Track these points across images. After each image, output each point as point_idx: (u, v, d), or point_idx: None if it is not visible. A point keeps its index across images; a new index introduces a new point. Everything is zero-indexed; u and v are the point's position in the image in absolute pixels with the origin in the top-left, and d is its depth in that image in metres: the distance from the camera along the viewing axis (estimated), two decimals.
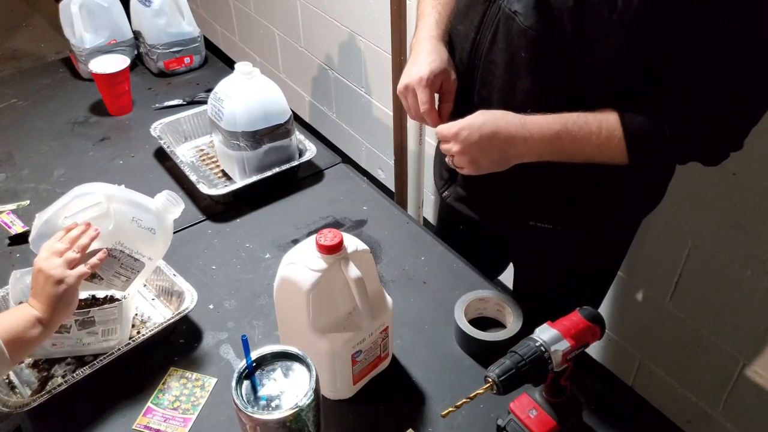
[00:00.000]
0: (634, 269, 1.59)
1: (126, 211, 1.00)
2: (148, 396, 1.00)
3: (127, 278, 1.02)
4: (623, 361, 1.73)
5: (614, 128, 0.87)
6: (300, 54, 2.63)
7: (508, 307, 1.07)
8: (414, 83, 0.99)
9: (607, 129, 0.87)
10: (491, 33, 0.95)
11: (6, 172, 1.51)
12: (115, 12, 1.84)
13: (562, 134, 0.88)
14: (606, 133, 0.87)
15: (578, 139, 0.88)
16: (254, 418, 0.76)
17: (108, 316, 1.02)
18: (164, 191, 1.06)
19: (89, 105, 1.75)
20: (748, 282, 1.34)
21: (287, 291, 0.91)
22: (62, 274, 0.89)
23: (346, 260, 0.88)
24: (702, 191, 1.35)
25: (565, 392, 0.89)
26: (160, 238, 1.04)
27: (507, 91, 0.96)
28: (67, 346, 1.02)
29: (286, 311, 0.97)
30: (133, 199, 1.02)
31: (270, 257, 1.26)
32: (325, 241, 0.86)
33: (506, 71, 0.94)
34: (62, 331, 0.99)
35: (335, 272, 0.88)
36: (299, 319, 0.90)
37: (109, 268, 1.00)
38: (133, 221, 1.00)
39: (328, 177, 1.50)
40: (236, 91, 1.35)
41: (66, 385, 0.95)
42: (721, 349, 1.46)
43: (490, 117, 0.92)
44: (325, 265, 0.87)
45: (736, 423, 1.51)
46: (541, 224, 1.09)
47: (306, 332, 0.91)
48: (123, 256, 1.00)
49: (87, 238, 0.94)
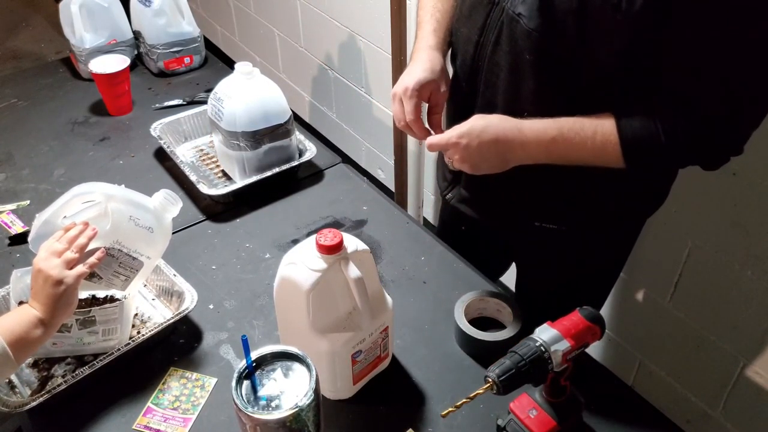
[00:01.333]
0: (634, 269, 1.59)
1: (124, 210, 1.00)
2: (148, 396, 1.00)
3: (126, 277, 1.02)
4: (623, 361, 1.73)
5: (610, 133, 0.87)
6: (300, 54, 2.63)
7: (508, 307, 1.07)
8: (400, 93, 1.01)
9: (602, 134, 0.88)
10: (495, 35, 0.94)
11: (6, 172, 1.51)
12: (115, 12, 1.84)
13: (558, 139, 0.89)
14: (601, 138, 0.88)
15: (574, 144, 0.89)
16: (254, 418, 0.76)
17: (109, 316, 1.02)
18: (162, 190, 1.06)
19: (89, 105, 1.75)
20: (748, 282, 1.34)
21: (287, 291, 0.91)
22: (61, 274, 0.89)
23: (346, 260, 0.87)
24: (702, 191, 1.35)
25: (565, 392, 0.89)
26: (159, 237, 1.04)
27: (511, 93, 0.96)
28: (67, 345, 1.02)
29: (286, 311, 0.97)
30: (131, 198, 1.02)
31: (270, 257, 1.26)
32: (325, 241, 0.86)
33: (510, 73, 0.94)
34: (63, 330, 0.99)
35: (335, 272, 0.88)
36: (299, 319, 0.90)
37: (108, 267, 1.00)
38: (131, 220, 1.00)
39: (328, 177, 1.50)
40: (236, 91, 1.35)
41: (66, 385, 0.95)
42: (721, 349, 1.46)
43: (488, 123, 0.92)
44: (325, 265, 0.87)
45: (736, 423, 1.51)
46: (546, 225, 1.09)
47: (306, 332, 0.91)
48: (121, 255, 1.00)
49: (85, 238, 0.94)
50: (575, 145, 0.89)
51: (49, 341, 0.99)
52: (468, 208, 1.16)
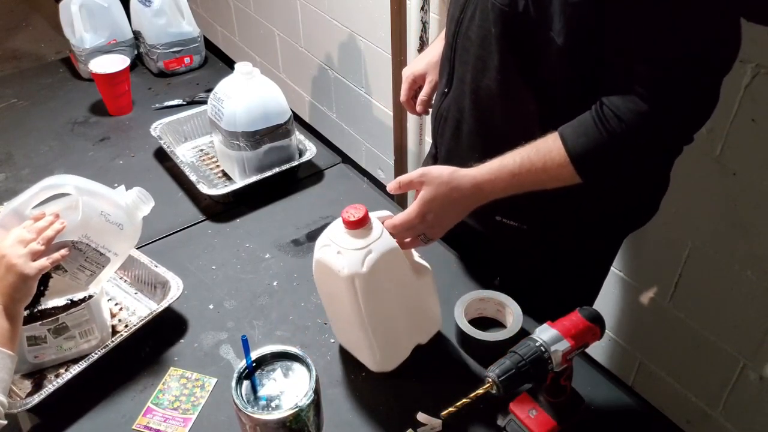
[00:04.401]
0: (634, 269, 1.59)
1: (95, 205, 1.00)
2: (148, 396, 1.00)
3: (91, 272, 1.02)
4: (623, 361, 1.73)
5: (560, 157, 0.87)
6: (300, 54, 2.63)
7: (509, 306, 1.07)
8: (403, 76, 1.22)
9: (551, 161, 0.88)
10: (471, 11, 0.97)
11: (6, 172, 1.51)
12: (115, 12, 1.84)
13: (514, 182, 0.91)
14: (552, 165, 0.88)
15: (530, 181, 0.90)
16: (254, 418, 0.76)
17: (80, 318, 1.01)
18: (135, 188, 1.06)
19: (89, 105, 1.75)
20: (748, 282, 1.34)
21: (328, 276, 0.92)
22: (24, 264, 0.90)
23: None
24: (702, 191, 1.35)
25: (565, 392, 0.89)
26: (128, 235, 1.04)
27: (479, 68, 0.98)
28: (50, 355, 1.02)
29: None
30: (103, 193, 1.02)
31: (270, 257, 1.26)
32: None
33: (480, 47, 0.96)
34: (39, 342, 1.00)
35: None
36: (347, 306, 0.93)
37: (74, 261, 1.00)
38: (102, 215, 1.00)
39: (328, 177, 1.50)
40: (236, 91, 1.35)
41: (59, 384, 0.95)
42: (721, 349, 1.46)
43: (446, 191, 0.92)
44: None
45: (736, 423, 1.51)
46: (507, 221, 1.10)
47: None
48: (89, 249, 1.00)
49: (52, 231, 0.94)
50: (532, 181, 0.90)
51: (31, 355, 1.00)
52: None
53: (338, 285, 0.90)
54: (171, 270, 1.15)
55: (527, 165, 0.89)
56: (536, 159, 0.88)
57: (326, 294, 1.00)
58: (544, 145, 0.89)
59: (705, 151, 1.29)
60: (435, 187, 0.92)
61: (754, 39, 1.12)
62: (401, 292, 0.97)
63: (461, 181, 0.92)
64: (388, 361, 1.02)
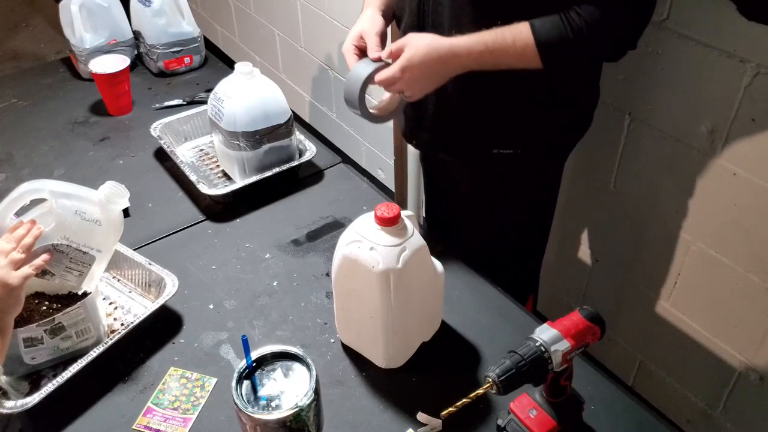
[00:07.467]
0: (634, 269, 1.59)
1: (69, 206, 0.99)
2: (148, 396, 1.00)
3: (79, 272, 1.02)
4: (623, 361, 1.73)
5: (527, 38, 1.01)
6: (300, 54, 2.63)
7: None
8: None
9: (520, 40, 1.01)
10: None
11: (6, 172, 1.51)
12: (115, 12, 1.84)
13: (485, 53, 1.03)
14: (520, 44, 1.01)
15: (498, 53, 1.03)
16: (254, 418, 0.76)
17: (75, 318, 1.01)
18: (108, 182, 1.06)
19: (89, 105, 1.75)
20: (748, 282, 1.34)
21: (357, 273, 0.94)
22: (7, 275, 0.89)
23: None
24: (702, 191, 1.35)
25: (565, 392, 0.89)
26: (108, 230, 1.04)
27: (455, 26, 1.08)
28: (47, 356, 1.02)
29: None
30: (76, 193, 1.02)
31: (270, 257, 1.26)
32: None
33: (451, 8, 1.09)
34: (36, 343, 0.99)
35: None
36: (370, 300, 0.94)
37: (59, 264, 1.00)
38: (77, 214, 1.00)
39: (328, 177, 1.50)
40: (236, 91, 1.35)
41: (58, 383, 0.95)
42: (721, 349, 1.46)
43: (426, 51, 1.03)
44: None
45: (736, 423, 1.51)
46: (503, 151, 1.21)
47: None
48: (71, 250, 1.00)
49: (31, 237, 0.94)
50: (500, 54, 1.03)
51: (28, 356, 1.00)
52: (433, 148, 1.32)
53: (367, 280, 0.91)
54: (171, 270, 1.15)
55: (500, 40, 1.02)
56: (508, 35, 1.01)
57: (346, 289, 1.00)
58: (516, 28, 1.02)
59: (705, 151, 1.29)
60: (415, 48, 1.03)
61: (754, 39, 1.12)
62: (423, 289, 0.99)
63: (440, 44, 1.03)
64: (399, 357, 1.03)
